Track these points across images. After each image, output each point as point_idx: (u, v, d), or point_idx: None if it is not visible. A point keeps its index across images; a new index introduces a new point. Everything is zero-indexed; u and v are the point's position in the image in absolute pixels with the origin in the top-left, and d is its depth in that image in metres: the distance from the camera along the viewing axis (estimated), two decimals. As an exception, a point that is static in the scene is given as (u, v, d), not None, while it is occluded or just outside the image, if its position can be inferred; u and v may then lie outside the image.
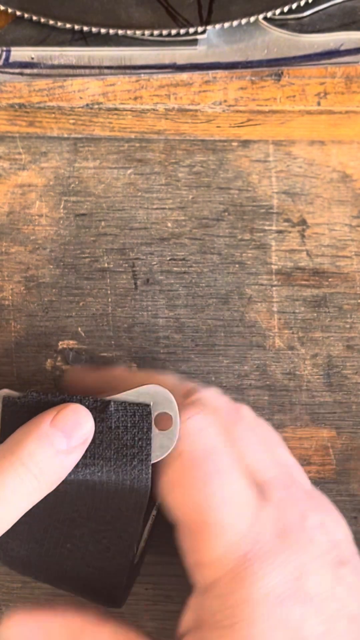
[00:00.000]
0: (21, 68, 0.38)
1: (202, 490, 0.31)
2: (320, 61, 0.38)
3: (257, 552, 0.31)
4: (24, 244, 0.40)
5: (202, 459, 0.32)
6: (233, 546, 0.31)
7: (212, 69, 0.38)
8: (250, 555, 0.31)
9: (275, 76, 0.38)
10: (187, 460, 0.32)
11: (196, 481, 0.32)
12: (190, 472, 0.32)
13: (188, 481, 0.32)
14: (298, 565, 0.31)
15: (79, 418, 0.32)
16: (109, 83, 0.38)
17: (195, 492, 0.32)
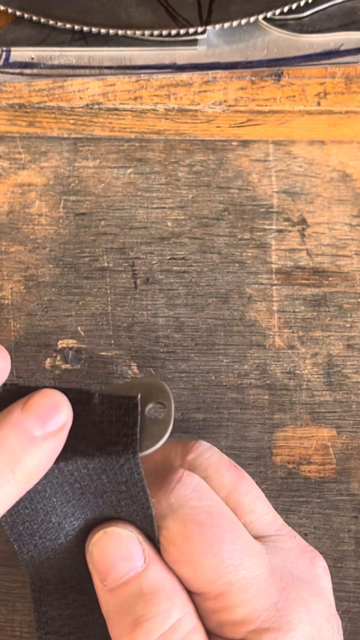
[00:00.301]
0: (21, 68, 0.38)
1: (217, 555, 0.30)
2: (320, 61, 0.38)
3: (285, 600, 0.30)
4: (24, 243, 0.40)
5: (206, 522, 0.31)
6: (262, 597, 0.30)
7: (212, 69, 0.38)
8: (280, 604, 0.30)
9: (275, 76, 0.38)
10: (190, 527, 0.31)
11: (208, 547, 0.30)
12: (199, 540, 0.30)
13: (199, 550, 0.30)
14: (317, 615, 0.31)
15: (54, 402, 0.29)
16: (109, 83, 0.38)
17: (211, 559, 0.30)
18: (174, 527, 0.31)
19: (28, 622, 0.39)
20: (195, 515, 0.31)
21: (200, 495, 0.31)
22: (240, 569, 0.30)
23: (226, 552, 0.30)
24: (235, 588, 0.30)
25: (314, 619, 0.31)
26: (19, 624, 0.39)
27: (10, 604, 0.39)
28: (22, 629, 0.39)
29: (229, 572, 0.30)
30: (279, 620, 0.30)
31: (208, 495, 0.32)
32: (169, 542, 0.31)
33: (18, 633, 0.39)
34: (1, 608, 0.39)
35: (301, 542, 0.34)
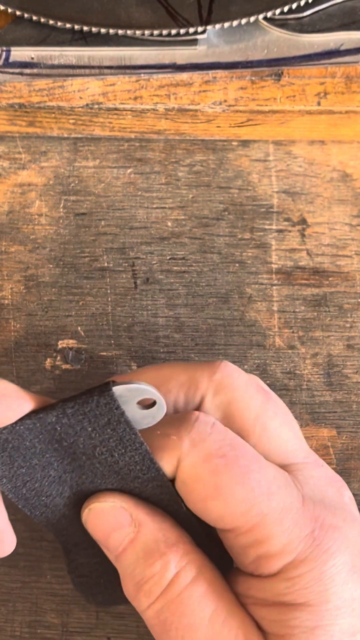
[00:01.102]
0: (21, 68, 0.38)
1: (246, 484, 0.29)
2: (320, 61, 0.38)
3: (320, 529, 0.30)
4: (24, 243, 0.40)
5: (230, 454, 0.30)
6: (297, 527, 0.29)
7: (212, 68, 0.38)
8: (316, 533, 0.29)
9: (275, 76, 0.38)
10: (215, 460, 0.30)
11: (236, 477, 0.29)
12: (226, 471, 0.30)
13: (227, 481, 0.30)
14: (355, 541, 0.30)
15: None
16: (109, 83, 0.38)
17: (240, 489, 0.29)
18: (199, 462, 0.30)
19: (28, 622, 0.39)
20: (218, 449, 0.30)
21: (219, 429, 0.31)
22: (272, 498, 0.29)
23: (254, 481, 0.30)
24: (268, 519, 0.29)
25: (352, 545, 0.30)
26: (19, 624, 0.39)
27: (10, 604, 0.39)
28: (22, 629, 0.39)
29: (260, 502, 0.29)
30: (316, 549, 0.29)
31: (226, 432, 0.31)
32: (195, 479, 0.30)
33: (18, 633, 0.39)
34: (1, 608, 0.39)
35: (328, 470, 0.33)
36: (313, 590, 0.29)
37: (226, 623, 0.30)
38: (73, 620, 0.39)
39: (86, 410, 0.30)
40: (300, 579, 0.29)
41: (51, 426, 0.30)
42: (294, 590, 0.29)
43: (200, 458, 0.30)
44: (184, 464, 0.30)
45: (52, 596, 0.39)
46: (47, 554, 0.39)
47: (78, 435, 0.31)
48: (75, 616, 0.39)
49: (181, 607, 0.30)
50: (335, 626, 0.29)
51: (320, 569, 0.29)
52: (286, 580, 0.29)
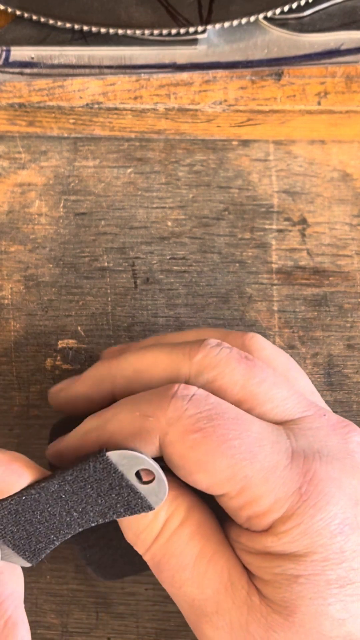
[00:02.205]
0: (21, 67, 0.38)
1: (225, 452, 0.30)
2: (320, 61, 0.38)
3: (309, 483, 0.30)
4: (24, 243, 0.40)
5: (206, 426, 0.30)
6: (284, 485, 0.30)
7: (212, 68, 0.38)
8: (304, 489, 0.30)
9: (275, 76, 0.38)
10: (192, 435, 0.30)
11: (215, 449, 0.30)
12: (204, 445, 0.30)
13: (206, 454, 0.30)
14: (352, 492, 0.30)
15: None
16: (109, 83, 0.38)
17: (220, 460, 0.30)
18: (177, 440, 0.30)
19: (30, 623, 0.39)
20: (193, 423, 0.30)
21: (197, 403, 0.31)
22: (254, 461, 0.30)
23: (233, 448, 0.30)
24: (253, 481, 0.30)
25: (348, 496, 0.30)
26: (18, 624, 0.39)
27: (10, 605, 0.39)
28: (22, 629, 0.39)
29: (243, 466, 0.30)
30: (303, 505, 0.29)
31: (206, 401, 0.31)
32: (178, 456, 0.30)
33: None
34: (1, 608, 0.39)
35: (332, 418, 0.33)
36: (300, 544, 0.29)
37: (212, 561, 0.31)
38: (73, 620, 0.39)
39: (86, 477, 0.30)
40: (287, 534, 0.29)
41: (56, 495, 0.31)
42: (280, 544, 0.30)
43: (178, 436, 0.30)
44: (165, 443, 0.30)
45: (52, 596, 0.39)
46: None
47: (85, 503, 0.31)
48: (75, 616, 0.39)
49: (170, 549, 0.31)
50: (321, 576, 0.29)
51: (307, 523, 0.29)
52: (274, 535, 0.30)
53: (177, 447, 0.30)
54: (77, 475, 0.30)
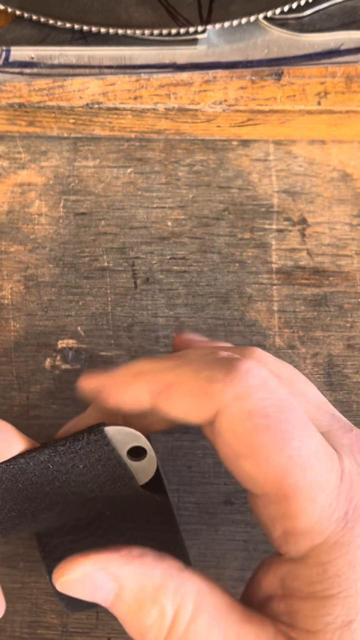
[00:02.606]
0: (21, 67, 0.38)
1: (284, 450, 0.27)
2: (320, 61, 0.38)
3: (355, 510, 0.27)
4: (24, 243, 0.40)
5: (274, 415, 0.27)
6: (330, 507, 0.27)
7: (212, 68, 0.38)
8: (350, 515, 0.27)
9: (275, 76, 0.38)
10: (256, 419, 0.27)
11: (274, 441, 0.27)
12: (265, 433, 0.27)
13: (264, 443, 0.27)
14: None
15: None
16: (109, 83, 0.38)
17: (276, 454, 0.27)
18: (240, 417, 0.27)
19: (28, 623, 0.39)
20: (263, 408, 0.27)
21: (269, 388, 0.28)
22: (309, 471, 0.27)
23: (294, 449, 0.27)
24: (301, 493, 0.27)
25: None
26: (19, 624, 0.39)
27: (10, 605, 0.39)
28: (22, 629, 0.39)
29: (295, 472, 0.27)
30: (349, 532, 0.27)
31: (278, 390, 0.28)
32: (232, 433, 0.28)
33: (18, 634, 0.39)
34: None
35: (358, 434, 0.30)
36: (347, 578, 0.27)
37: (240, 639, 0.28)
38: (73, 620, 0.39)
39: (77, 448, 0.30)
40: (332, 565, 0.27)
41: (44, 465, 0.30)
42: (326, 578, 0.27)
43: (242, 413, 0.27)
44: (224, 415, 0.28)
45: (52, 597, 0.39)
46: (46, 554, 0.39)
47: (70, 473, 0.31)
48: (75, 616, 0.39)
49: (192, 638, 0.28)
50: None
51: (354, 554, 0.27)
52: (317, 566, 0.27)
53: (235, 424, 0.28)
54: (70, 446, 0.30)
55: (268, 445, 0.27)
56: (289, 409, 0.28)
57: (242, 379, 0.28)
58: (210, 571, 0.38)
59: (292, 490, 0.27)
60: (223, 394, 0.28)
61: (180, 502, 0.38)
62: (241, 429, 0.27)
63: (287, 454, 0.27)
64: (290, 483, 0.27)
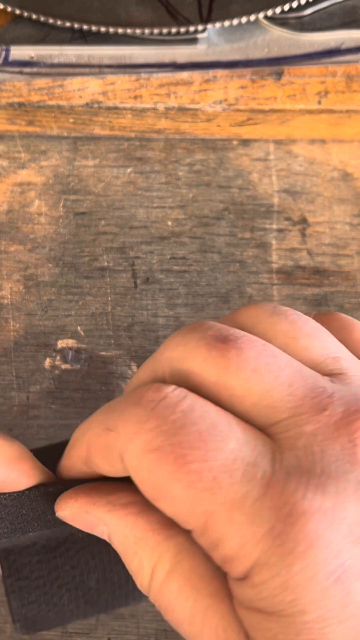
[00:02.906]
0: (21, 67, 0.38)
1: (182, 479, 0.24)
2: (320, 60, 0.38)
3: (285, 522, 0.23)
4: (23, 242, 0.39)
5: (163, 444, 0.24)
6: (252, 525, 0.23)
7: (212, 67, 0.38)
8: (278, 529, 0.23)
9: (275, 75, 0.38)
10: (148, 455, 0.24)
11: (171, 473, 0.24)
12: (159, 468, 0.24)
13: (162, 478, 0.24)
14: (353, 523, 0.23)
15: None
16: (109, 82, 0.38)
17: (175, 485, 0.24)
18: (135, 460, 0.25)
19: (27, 623, 0.39)
20: (151, 440, 0.24)
21: (162, 411, 0.25)
22: (217, 492, 0.23)
23: (191, 474, 0.24)
24: (215, 518, 0.24)
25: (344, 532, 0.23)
26: (18, 625, 0.39)
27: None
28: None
29: (202, 498, 0.23)
30: (277, 551, 0.23)
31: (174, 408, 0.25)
32: (137, 480, 0.25)
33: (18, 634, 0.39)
34: (1, 609, 0.39)
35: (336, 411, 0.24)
36: (283, 600, 0.23)
37: (205, 619, 0.26)
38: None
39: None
40: (265, 586, 0.23)
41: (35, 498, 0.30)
42: (262, 598, 0.23)
43: (135, 455, 0.25)
44: (126, 463, 0.25)
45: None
46: (46, 555, 0.39)
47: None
48: (75, 617, 0.39)
49: (163, 603, 0.27)
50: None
51: (285, 575, 0.23)
52: (253, 587, 0.24)
53: (135, 469, 0.25)
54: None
55: (167, 479, 0.24)
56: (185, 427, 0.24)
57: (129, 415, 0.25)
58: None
59: (206, 518, 0.24)
60: (117, 443, 0.26)
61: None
62: (141, 471, 0.25)
63: (188, 481, 0.24)
64: (202, 511, 0.24)
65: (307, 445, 0.24)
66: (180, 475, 0.24)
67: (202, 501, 0.24)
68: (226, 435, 0.24)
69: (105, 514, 0.27)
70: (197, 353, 0.26)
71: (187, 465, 0.24)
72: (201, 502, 0.24)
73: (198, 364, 0.26)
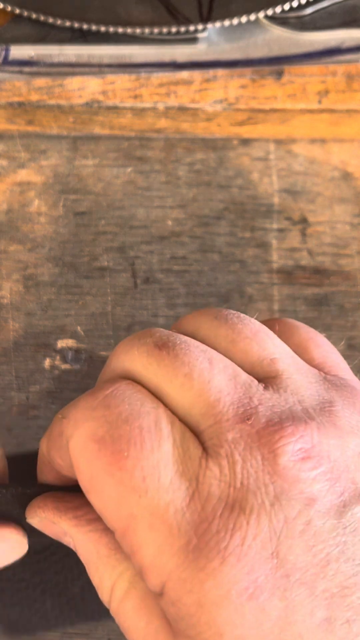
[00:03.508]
0: (20, 66, 0.38)
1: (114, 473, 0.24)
2: (321, 59, 0.38)
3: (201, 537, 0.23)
4: (23, 242, 0.39)
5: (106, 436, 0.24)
6: (170, 536, 0.23)
7: (212, 67, 0.38)
8: (193, 544, 0.22)
9: (276, 74, 0.38)
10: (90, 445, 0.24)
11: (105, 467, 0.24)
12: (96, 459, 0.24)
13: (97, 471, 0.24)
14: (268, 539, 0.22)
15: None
16: (109, 81, 0.38)
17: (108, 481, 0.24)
18: (77, 448, 0.25)
19: (27, 624, 0.39)
20: (96, 429, 0.24)
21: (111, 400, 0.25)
22: (144, 495, 0.23)
23: (124, 471, 0.23)
24: (137, 523, 0.23)
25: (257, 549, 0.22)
26: (18, 625, 0.39)
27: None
28: (21, 630, 0.39)
29: (129, 499, 0.23)
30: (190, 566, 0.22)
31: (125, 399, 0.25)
32: (76, 469, 0.25)
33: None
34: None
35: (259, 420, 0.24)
36: (200, 620, 0.22)
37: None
38: (72, 621, 0.39)
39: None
40: (182, 604, 0.23)
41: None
42: (181, 617, 0.23)
43: (78, 442, 0.25)
44: (70, 449, 0.25)
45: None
46: (46, 555, 0.39)
47: None
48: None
49: (120, 619, 0.26)
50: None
51: (198, 594, 0.22)
52: (171, 605, 0.23)
53: (76, 457, 0.25)
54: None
55: (101, 473, 0.24)
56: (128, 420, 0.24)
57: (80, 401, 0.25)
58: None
59: (129, 522, 0.24)
60: (67, 428, 0.26)
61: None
62: (81, 461, 0.25)
63: (119, 478, 0.23)
64: (126, 513, 0.24)
65: (228, 454, 0.24)
66: (114, 469, 0.24)
67: (128, 502, 0.23)
68: (165, 435, 0.24)
69: (71, 527, 0.27)
70: (138, 359, 0.26)
71: (122, 460, 0.24)
72: (127, 502, 0.23)
73: (139, 370, 0.26)
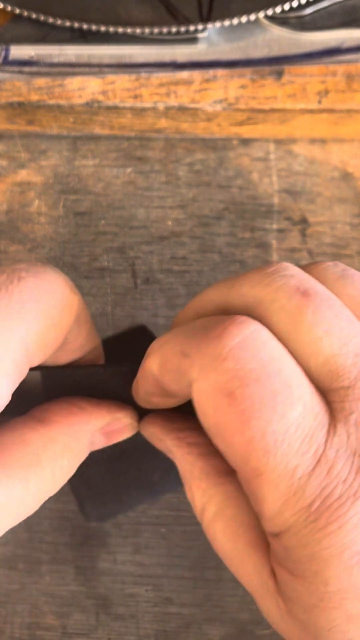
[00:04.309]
0: (20, 66, 0.38)
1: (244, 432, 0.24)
2: (321, 59, 0.38)
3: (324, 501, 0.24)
4: (23, 242, 0.39)
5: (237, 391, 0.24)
6: (295, 496, 0.24)
7: (212, 67, 0.38)
8: (315, 506, 0.24)
9: (276, 74, 0.38)
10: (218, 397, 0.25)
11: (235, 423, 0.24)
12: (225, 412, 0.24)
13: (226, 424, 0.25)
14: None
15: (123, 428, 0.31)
16: (109, 81, 0.38)
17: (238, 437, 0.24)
18: (204, 394, 0.25)
19: (27, 624, 0.39)
20: (226, 382, 0.24)
21: (241, 353, 0.25)
22: (272, 456, 0.24)
23: (256, 431, 0.24)
24: (262, 479, 0.24)
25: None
26: (18, 625, 0.39)
27: (9, 606, 0.39)
28: (21, 630, 0.39)
29: (257, 457, 0.24)
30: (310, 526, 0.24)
31: (254, 352, 0.25)
32: (201, 410, 0.25)
33: (17, 635, 0.39)
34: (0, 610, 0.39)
35: None
36: (309, 569, 0.24)
37: (240, 566, 0.27)
38: (73, 621, 0.39)
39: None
40: (293, 552, 0.25)
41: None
42: (290, 561, 0.25)
43: (205, 390, 0.25)
44: (193, 390, 0.25)
45: (51, 598, 0.38)
46: (46, 556, 0.39)
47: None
48: (75, 618, 0.39)
49: (211, 537, 0.28)
50: (339, 610, 0.24)
51: (313, 549, 0.24)
52: (284, 549, 0.25)
53: (201, 402, 0.25)
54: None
55: (230, 426, 0.24)
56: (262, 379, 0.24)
57: (208, 347, 0.25)
58: (210, 572, 0.38)
59: (253, 476, 0.25)
60: (190, 370, 0.25)
61: (181, 504, 0.38)
62: (207, 406, 0.25)
63: (248, 436, 0.24)
64: (252, 467, 0.24)
65: (358, 422, 0.24)
66: (244, 428, 0.24)
67: (256, 460, 0.24)
68: (296, 399, 0.24)
69: (173, 447, 0.30)
70: (276, 298, 0.26)
71: (253, 421, 0.24)
72: (255, 460, 0.24)
73: (274, 309, 0.26)
